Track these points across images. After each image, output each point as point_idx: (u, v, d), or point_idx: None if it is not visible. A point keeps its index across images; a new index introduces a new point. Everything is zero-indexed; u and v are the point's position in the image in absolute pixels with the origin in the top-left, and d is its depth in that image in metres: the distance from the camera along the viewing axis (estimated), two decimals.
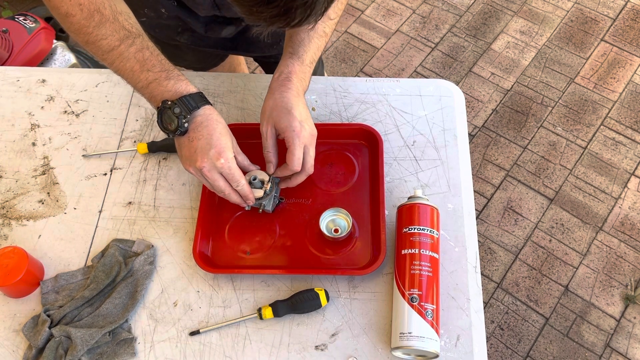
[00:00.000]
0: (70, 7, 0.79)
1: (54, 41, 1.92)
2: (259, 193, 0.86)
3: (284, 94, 0.84)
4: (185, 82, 0.81)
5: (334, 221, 0.88)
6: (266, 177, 0.88)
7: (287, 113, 0.83)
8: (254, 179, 0.86)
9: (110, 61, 0.82)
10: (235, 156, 0.83)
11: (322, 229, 0.86)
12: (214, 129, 0.79)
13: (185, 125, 0.79)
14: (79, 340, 0.78)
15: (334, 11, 0.90)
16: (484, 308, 1.76)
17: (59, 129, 1.02)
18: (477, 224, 1.60)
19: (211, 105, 0.82)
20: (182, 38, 1.13)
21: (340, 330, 0.82)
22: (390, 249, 0.87)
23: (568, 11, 2.45)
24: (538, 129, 2.14)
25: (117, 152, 0.99)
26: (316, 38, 0.89)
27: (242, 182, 0.82)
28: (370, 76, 2.27)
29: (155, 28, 1.11)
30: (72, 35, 0.84)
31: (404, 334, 0.76)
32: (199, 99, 0.80)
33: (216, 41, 1.14)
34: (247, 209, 0.90)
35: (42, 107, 1.05)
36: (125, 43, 0.80)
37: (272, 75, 1.08)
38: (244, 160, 0.87)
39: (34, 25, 1.85)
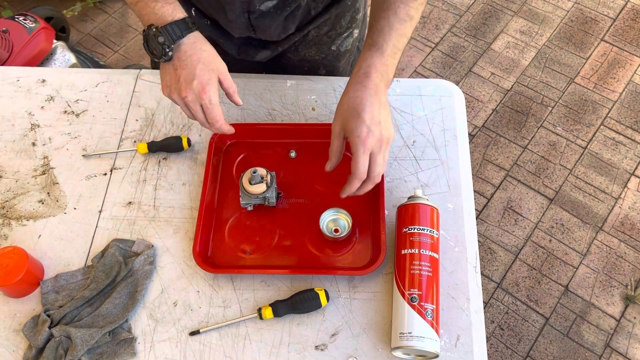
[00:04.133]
0: None
1: (54, 41, 1.91)
2: (262, 188, 0.87)
3: (358, 92, 0.79)
4: (172, 6, 0.78)
5: (335, 221, 0.88)
6: (264, 171, 0.88)
7: (356, 116, 0.78)
8: (255, 173, 0.87)
9: None
10: (221, 80, 0.81)
11: (322, 228, 0.86)
12: (198, 59, 0.78)
13: (170, 53, 0.78)
14: (79, 340, 0.78)
15: None
16: (484, 308, 1.76)
17: (59, 129, 1.02)
18: (477, 224, 1.60)
19: (197, 32, 0.80)
20: None
21: (340, 330, 0.82)
22: (390, 249, 0.87)
23: (568, 11, 2.45)
24: (538, 129, 2.14)
25: (117, 152, 0.99)
26: (398, 24, 0.80)
27: (219, 120, 0.80)
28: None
29: None
30: None
31: (404, 334, 0.76)
32: (185, 27, 0.78)
33: (249, 65, 1.09)
34: (249, 208, 0.90)
35: (42, 107, 1.05)
36: None
37: (271, 75, 1.09)
38: (231, 86, 0.83)
39: (34, 25, 1.85)
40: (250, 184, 0.87)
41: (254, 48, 1.06)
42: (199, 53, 0.79)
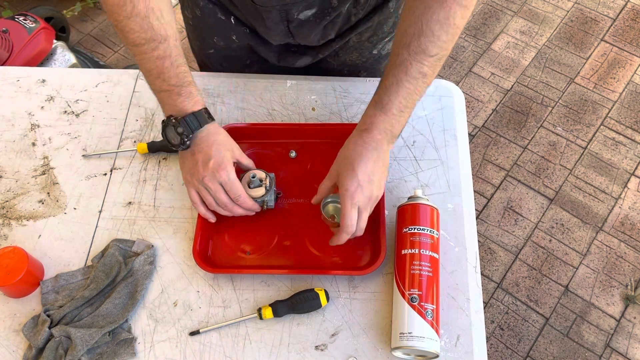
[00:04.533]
0: None
1: (54, 41, 1.91)
2: (261, 191, 0.87)
3: (357, 147, 0.80)
4: (194, 100, 0.82)
5: (336, 208, 0.88)
6: (263, 174, 0.88)
7: (350, 169, 0.78)
8: (253, 177, 0.87)
9: (133, 54, 0.82)
10: (239, 161, 0.85)
11: (323, 214, 0.87)
12: (213, 142, 0.82)
13: (188, 143, 0.82)
14: (78, 340, 0.78)
15: (435, 45, 0.75)
16: (484, 308, 1.76)
17: (59, 129, 1.02)
18: (477, 224, 1.60)
19: (213, 121, 0.84)
20: (251, 70, 1.11)
21: (340, 330, 0.82)
22: (390, 249, 0.87)
23: (568, 11, 2.45)
24: (538, 129, 2.14)
25: (117, 152, 0.99)
26: (408, 82, 0.77)
27: (241, 194, 0.83)
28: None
29: (222, 61, 1.10)
30: (106, 13, 0.84)
31: (404, 334, 0.76)
32: (202, 118, 0.82)
33: (288, 72, 1.08)
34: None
35: (42, 107, 1.05)
36: (149, 45, 0.79)
37: (271, 75, 1.09)
38: (250, 165, 0.88)
39: (34, 25, 1.85)
40: (250, 187, 0.87)
41: (293, 54, 1.05)
42: (214, 137, 0.83)
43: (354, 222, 0.78)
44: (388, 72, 0.79)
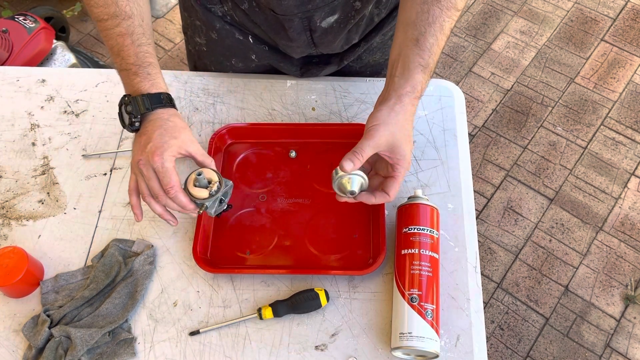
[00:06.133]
0: None
1: (54, 41, 1.92)
2: (202, 193, 0.77)
3: (408, 115, 0.75)
4: (150, 82, 0.78)
5: (350, 180, 0.77)
6: (215, 177, 0.78)
7: (406, 142, 0.74)
8: (199, 175, 0.77)
9: (98, 30, 0.80)
10: (191, 154, 0.78)
11: (342, 186, 0.78)
12: (159, 126, 0.76)
13: (136, 124, 0.78)
14: (78, 340, 0.78)
15: (462, 0, 0.75)
16: (484, 308, 1.76)
17: (58, 129, 1.02)
18: (477, 224, 1.60)
19: (168, 107, 0.79)
20: None
21: (340, 330, 0.82)
22: (390, 249, 0.87)
23: (568, 11, 2.45)
24: (538, 129, 2.14)
25: (117, 152, 0.99)
26: (442, 40, 0.75)
27: (174, 185, 0.74)
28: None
29: None
30: None
31: (403, 334, 0.76)
32: (156, 101, 0.77)
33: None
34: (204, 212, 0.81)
35: (42, 107, 1.05)
36: (111, 21, 0.77)
37: (271, 75, 1.08)
38: (207, 163, 0.79)
39: (34, 25, 1.85)
40: (194, 185, 0.78)
41: (316, 66, 1.03)
42: (163, 122, 0.77)
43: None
44: (423, 30, 0.74)
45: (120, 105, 0.80)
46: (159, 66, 0.81)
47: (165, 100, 0.78)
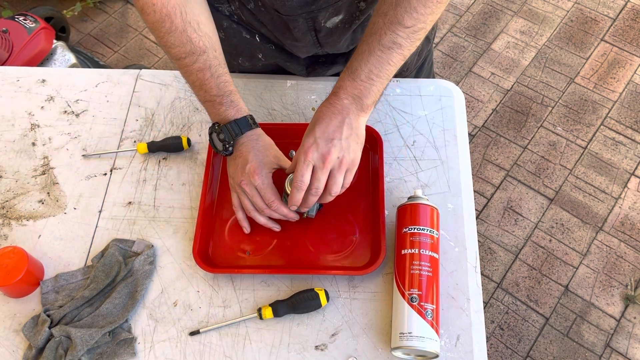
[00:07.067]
0: (145, 4, 0.80)
1: (54, 41, 1.92)
2: None
3: (322, 108, 0.80)
4: (235, 109, 0.84)
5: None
6: None
7: (310, 129, 0.80)
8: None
9: (177, 67, 0.85)
10: (281, 166, 0.85)
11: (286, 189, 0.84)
12: (252, 147, 0.83)
13: (230, 149, 0.84)
14: (78, 340, 0.78)
15: (410, 17, 0.75)
16: (484, 308, 1.76)
17: (59, 129, 1.02)
18: (477, 224, 1.60)
19: (254, 128, 0.85)
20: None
21: (340, 330, 0.82)
22: (390, 249, 0.87)
23: (568, 11, 2.45)
24: (538, 129, 2.14)
25: (117, 152, 0.99)
26: (380, 51, 0.76)
27: (275, 200, 0.82)
28: None
29: None
30: (149, 30, 0.85)
31: (403, 334, 0.76)
32: (244, 125, 0.84)
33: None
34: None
35: (42, 107, 1.05)
36: (189, 58, 0.82)
37: (271, 75, 1.08)
38: (288, 164, 0.86)
39: (34, 25, 1.85)
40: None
41: (322, 65, 1.05)
42: (254, 143, 0.84)
43: (306, 179, 0.77)
44: (363, 39, 0.79)
45: (210, 133, 0.86)
46: (237, 91, 0.86)
47: (251, 122, 0.85)
